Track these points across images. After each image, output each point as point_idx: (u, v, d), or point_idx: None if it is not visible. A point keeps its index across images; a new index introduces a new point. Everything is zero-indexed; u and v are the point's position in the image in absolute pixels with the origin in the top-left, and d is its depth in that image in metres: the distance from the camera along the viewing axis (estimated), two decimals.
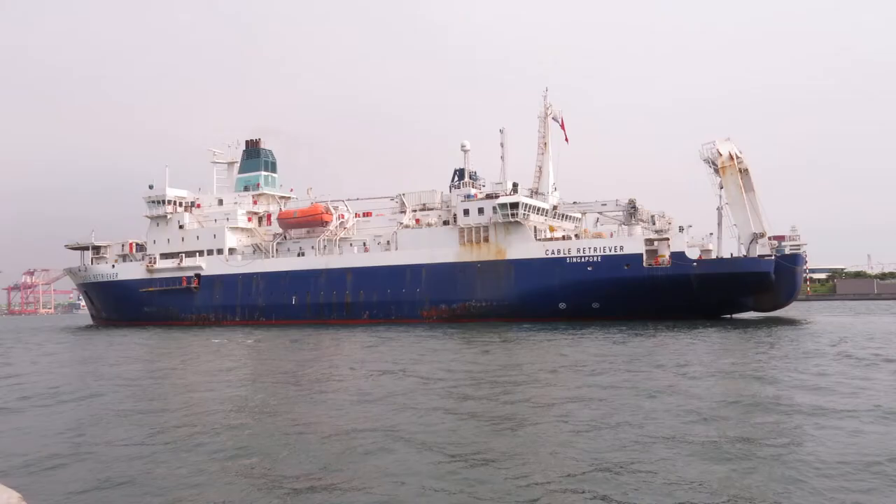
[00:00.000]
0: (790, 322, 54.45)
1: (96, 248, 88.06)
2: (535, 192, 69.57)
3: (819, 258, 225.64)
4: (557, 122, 70.51)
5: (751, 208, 64.19)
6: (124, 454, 13.63)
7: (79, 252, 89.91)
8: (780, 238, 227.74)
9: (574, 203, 68.85)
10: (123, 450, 14.02)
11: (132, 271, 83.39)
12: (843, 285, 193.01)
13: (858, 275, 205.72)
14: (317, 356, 34.30)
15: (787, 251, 59.95)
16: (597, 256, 61.17)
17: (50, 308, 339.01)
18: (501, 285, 64.23)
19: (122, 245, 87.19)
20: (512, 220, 63.51)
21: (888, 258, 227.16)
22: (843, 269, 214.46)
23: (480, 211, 65.96)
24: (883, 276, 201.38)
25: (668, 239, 59.88)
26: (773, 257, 57.96)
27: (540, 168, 70.20)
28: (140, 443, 14.56)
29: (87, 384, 25.16)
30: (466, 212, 66.79)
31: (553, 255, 62.71)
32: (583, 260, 61.50)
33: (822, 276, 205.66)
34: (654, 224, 66.05)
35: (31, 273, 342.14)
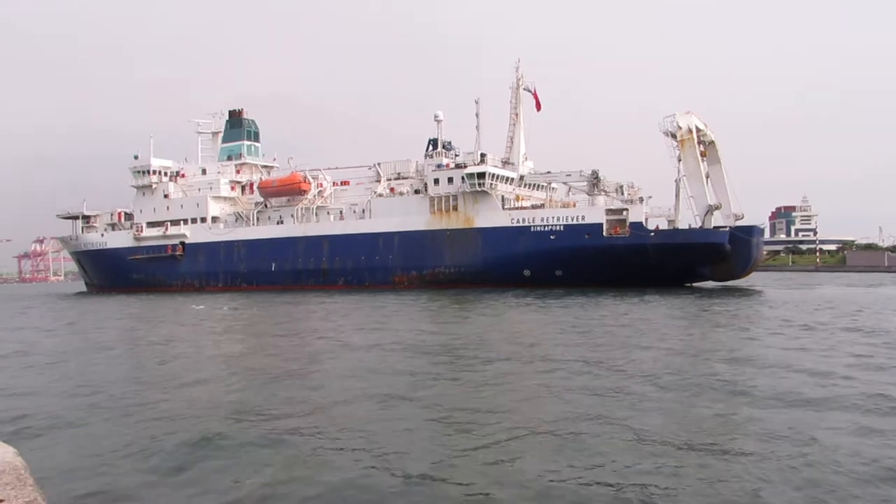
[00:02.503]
0: (743, 292, 57.11)
1: (86, 218, 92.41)
2: (506, 162, 72.59)
3: (830, 229, 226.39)
4: (530, 92, 73.17)
5: (716, 180, 66.90)
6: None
7: (70, 222, 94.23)
8: (791, 208, 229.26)
9: (540, 173, 71.82)
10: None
11: (120, 240, 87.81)
12: (853, 257, 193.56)
13: (869, 247, 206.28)
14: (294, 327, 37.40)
15: (797, 222, 62.24)
16: (560, 226, 64.32)
17: (60, 276, 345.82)
18: (469, 252, 67.68)
19: (111, 214, 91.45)
20: (479, 189, 66.73)
21: None
22: (853, 241, 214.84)
23: (450, 180, 69.20)
24: (894, 249, 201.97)
25: (626, 209, 62.81)
26: (727, 229, 60.69)
27: (511, 138, 73.13)
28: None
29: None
30: (437, 181, 70.07)
31: (518, 224, 65.95)
32: (546, 229, 64.70)
33: (833, 247, 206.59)
34: (622, 194, 68.82)
35: (40, 241, 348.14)
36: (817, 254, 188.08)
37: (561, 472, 9.24)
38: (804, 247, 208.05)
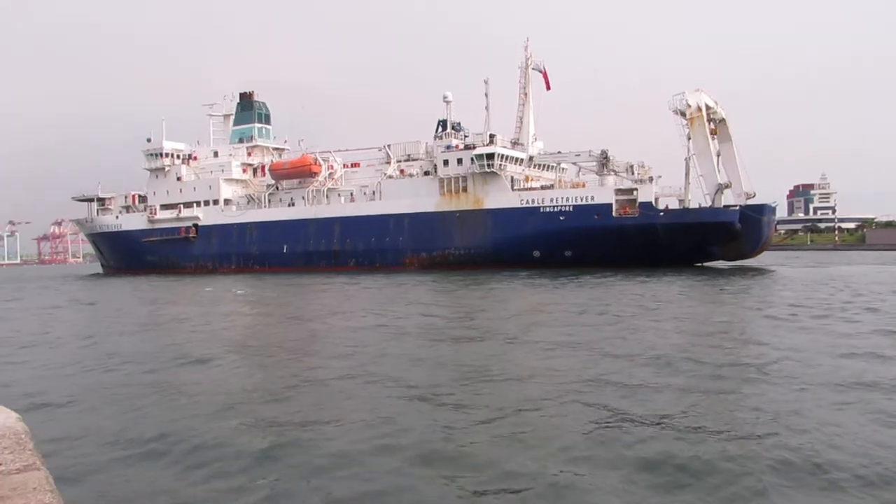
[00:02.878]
0: (757, 272, 57.00)
1: (101, 200, 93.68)
2: (515, 143, 72.63)
3: (850, 207, 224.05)
4: (539, 71, 72.98)
5: (727, 158, 66.61)
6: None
7: (85, 204, 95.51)
8: (809, 186, 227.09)
9: (549, 154, 71.80)
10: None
11: (134, 222, 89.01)
12: (872, 235, 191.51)
13: (889, 224, 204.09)
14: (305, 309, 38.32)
15: (815, 200, 61.87)
16: (569, 206, 64.44)
17: (79, 257, 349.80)
18: (479, 234, 68.03)
19: (126, 197, 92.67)
20: (489, 170, 66.91)
21: None
22: (873, 219, 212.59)
23: (459, 161, 69.41)
24: None
25: (636, 189, 62.79)
26: (737, 207, 60.55)
27: (520, 119, 73.10)
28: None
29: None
30: (446, 162, 70.30)
31: (528, 205, 66.13)
32: (555, 209, 64.85)
33: (852, 225, 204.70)
34: (633, 174, 68.73)
35: (59, 223, 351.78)
36: (836, 232, 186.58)
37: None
38: (823, 225, 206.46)
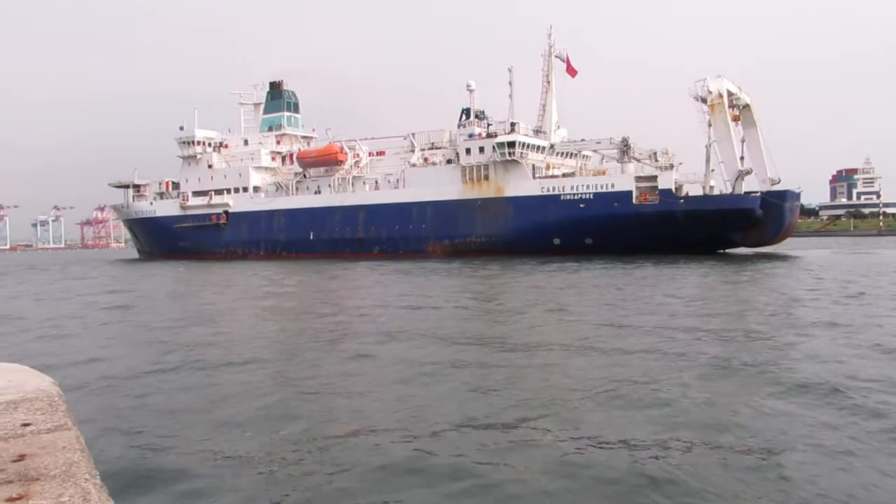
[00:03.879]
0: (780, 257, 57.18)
1: (136, 187, 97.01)
2: (538, 131, 73.40)
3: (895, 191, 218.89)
4: (562, 59, 73.54)
5: (751, 144, 66.59)
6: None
7: (122, 190, 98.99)
8: (853, 171, 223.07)
9: (570, 142, 72.43)
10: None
11: (168, 208, 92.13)
12: None
13: None
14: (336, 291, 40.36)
15: (859, 185, 61.48)
16: (589, 194, 65.16)
17: (121, 242, 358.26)
18: (500, 222, 69.15)
19: (160, 183, 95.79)
20: (510, 158, 67.90)
21: None
22: None
23: (481, 150, 70.49)
24: None
25: (656, 176, 63.21)
26: (758, 194, 60.64)
27: (543, 106, 73.85)
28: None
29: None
30: (468, 151, 71.45)
31: (548, 193, 67.00)
32: (576, 197, 65.63)
33: None
34: (656, 161, 69.01)
35: (101, 209, 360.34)
36: (880, 217, 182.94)
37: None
38: (867, 211, 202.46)
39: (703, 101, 62.14)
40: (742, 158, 66.07)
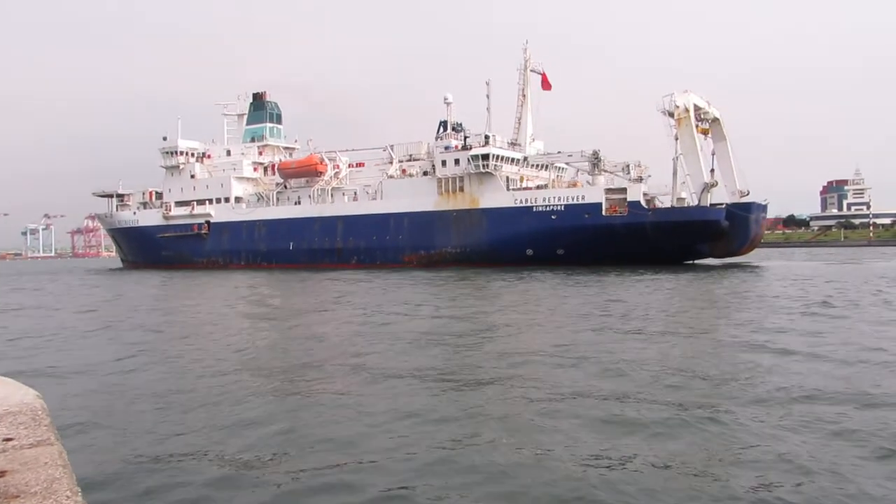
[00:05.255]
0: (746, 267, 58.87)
1: (120, 196, 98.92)
2: (513, 144, 75.44)
3: (887, 199, 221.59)
4: (538, 73, 75.67)
5: (721, 157, 68.77)
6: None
7: (106, 199, 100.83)
8: (843, 182, 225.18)
9: (543, 154, 74.50)
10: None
11: (151, 218, 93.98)
12: None
13: None
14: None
15: (849, 196, 63.34)
16: (561, 206, 67.09)
17: (112, 251, 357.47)
18: (475, 233, 71.01)
19: (143, 193, 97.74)
20: (484, 170, 69.85)
21: None
22: None
23: (456, 162, 72.43)
24: None
25: (625, 189, 65.19)
26: (723, 206, 62.62)
27: (519, 119, 75.91)
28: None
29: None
30: (444, 163, 73.38)
31: (521, 205, 68.90)
32: (548, 209, 67.54)
33: (887, 221, 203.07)
34: (629, 173, 71.01)
35: (92, 217, 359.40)
36: (870, 228, 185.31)
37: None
38: (857, 221, 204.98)
39: (671, 115, 64.16)
40: (713, 171, 68.28)
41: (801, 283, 38.70)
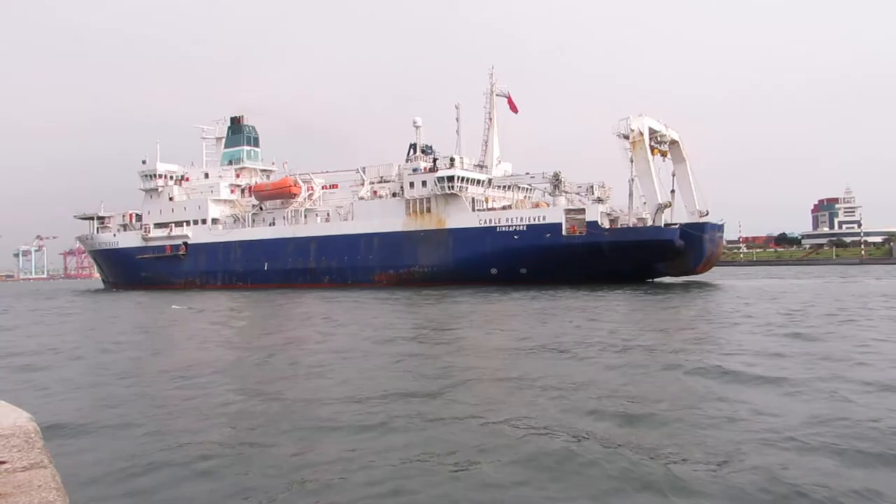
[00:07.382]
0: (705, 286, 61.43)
1: (101, 218, 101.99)
2: (480, 166, 78.51)
3: (877, 218, 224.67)
4: (504, 97, 78.94)
5: (681, 178, 71.86)
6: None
7: (87, 222, 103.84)
8: (834, 200, 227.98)
9: (507, 176, 77.60)
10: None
11: (130, 240, 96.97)
12: None
13: None
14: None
15: (840, 214, 65.78)
16: (523, 226, 69.96)
17: None
18: (441, 252, 73.86)
19: (123, 215, 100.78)
20: (450, 191, 72.84)
21: None
22: None
23: (424, 184, 75.40)
24: None
25: (584, 209, 68.10)
26: (677, 226, 65.44)
27: (486, 142, 79.08)
28: None
29: None
30: (412, 184, 76.38)
31: (485, 225, 71.82)
32: (510, 229, 70.44)
33: (878, 239, 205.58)
34: (592, 193, 74.04)
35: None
36: (862, 246, 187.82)
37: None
38: (848, 239, 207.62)
39: (626, 137, 67.14)
40: (673, 192, 71.33)
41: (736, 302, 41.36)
